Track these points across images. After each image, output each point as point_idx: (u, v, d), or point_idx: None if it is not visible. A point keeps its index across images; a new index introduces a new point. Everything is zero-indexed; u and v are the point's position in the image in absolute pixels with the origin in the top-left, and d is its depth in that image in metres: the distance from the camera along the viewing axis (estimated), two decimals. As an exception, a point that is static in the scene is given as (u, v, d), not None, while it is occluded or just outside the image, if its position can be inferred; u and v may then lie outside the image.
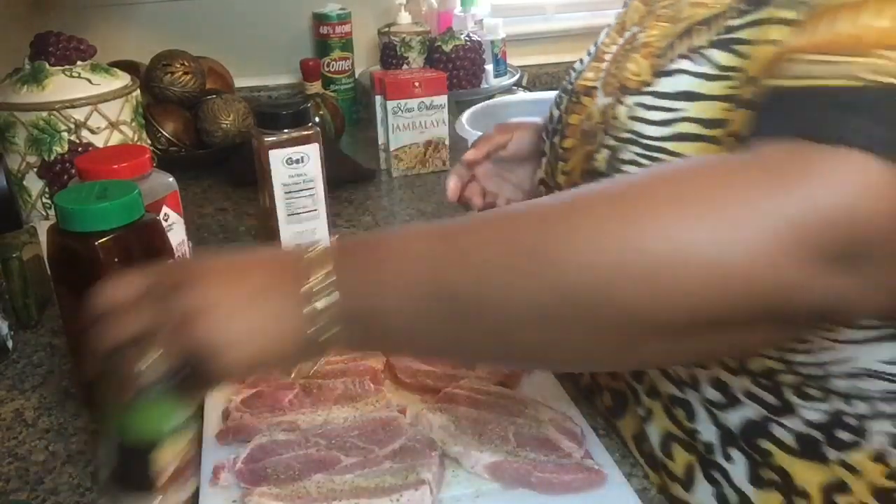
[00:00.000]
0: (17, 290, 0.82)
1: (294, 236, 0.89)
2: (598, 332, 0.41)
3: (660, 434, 0.61)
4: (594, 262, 0.39)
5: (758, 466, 0.57)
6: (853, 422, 0.54)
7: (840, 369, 0.53)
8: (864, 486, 0.55)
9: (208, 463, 0.60)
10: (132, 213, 0.62)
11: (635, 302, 0.39)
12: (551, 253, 0.40)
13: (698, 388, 0.58)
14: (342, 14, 1.50)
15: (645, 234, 0.39)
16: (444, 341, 0.45)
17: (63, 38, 0.96)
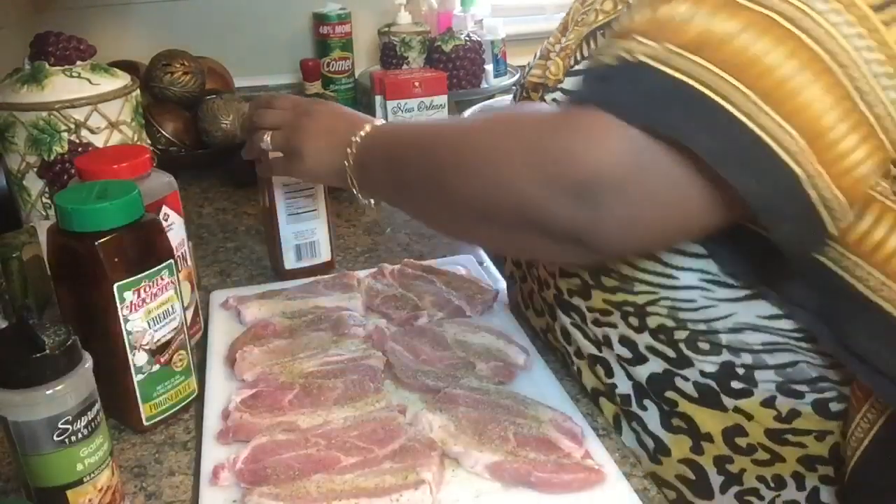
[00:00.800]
0: (17, 290, 0.81)
1: (294, 236, 0.89)
2: (450, 209, 0.58)
3: (590, 388, 0.70)
4: (444, 158, 0.57)
5: (668, 414, 0.64)
6: (742, 371, 0.61)
7: (724, 325, 0.60)
8: (759, 429, 0.62)
9: (208, 463, 0.60)
10: (132, 213, 0.62)
11: (457, 190, 0.55)
12: (432, 145, 0.60)
13: (611, 347, 0.65)
14: (342, 14, 1.50)
15: (470, 148, 0.55)
16: (392, 192, 0.65)
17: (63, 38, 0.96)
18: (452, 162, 0.56)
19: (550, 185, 0.48)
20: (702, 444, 0.64)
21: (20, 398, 0.50)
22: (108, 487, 0.55)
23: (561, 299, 0.68)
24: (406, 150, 0.63)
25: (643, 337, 0.63)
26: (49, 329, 0.51)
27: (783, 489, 0.64)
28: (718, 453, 0.64)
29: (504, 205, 0.52)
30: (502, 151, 0.52)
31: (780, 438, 0.63)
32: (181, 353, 0.67)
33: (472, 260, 0.93)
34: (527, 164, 0.50)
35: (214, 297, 0.86)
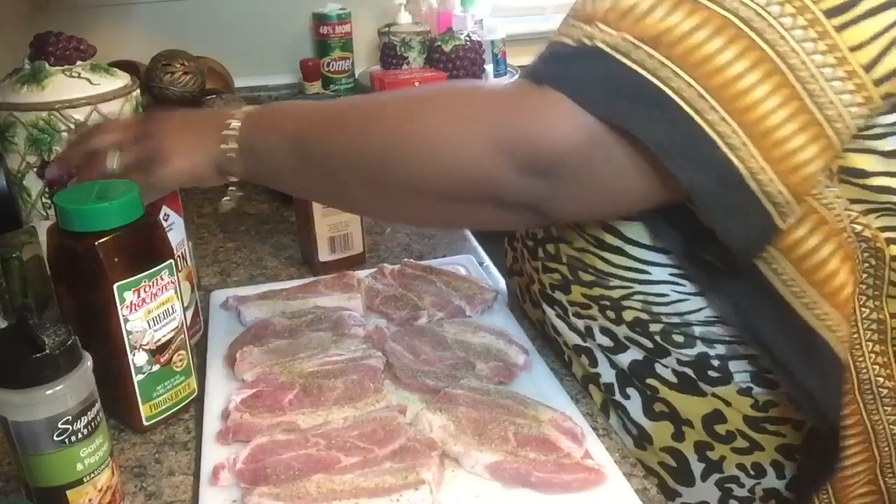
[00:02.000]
0: (17, 289, 0.81)
1: (328, 229, 0.91)
2: (391, 190, 0.57)
3: (580, 377, 0.72)
4: (387, 140, 0.55)
5: (650, 401, 0.66)
6: (717, 362, 0.63)
7: (696, 318, 0.62)
8: (737, 416, 0.64)
9: (208, 463, 0.60)
10: (132, 213, 0.62)
11: (406, 172, 0.54)
12: (365, 128, 0.56)
13: (594, 337, 0.67)
14: (342, 14, 1.50)
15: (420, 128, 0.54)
16: (300, 179, 0.62)
17: (63, 38, 0.96)
18: (396, 142, 0.55)
19: (510, 164, 0.50)
20: (683, 429, 0.65)
21: (20, 398, 0.50)
22: (108, 487, 0.55)
23: (545, 293, 0.71)
24: (324, 132, 0.59)
25: (621, 329, 0.65)
26: (49, 329, 0.51)
27: (763, 477, 0.65)
28: (699, 439, 0.65)
29: (461, 182, 0.53)
30: (459, 130, 0.52)
31: (759, 426, 0.64)
32: (181, 353, 0.67)
33: (472, 260, 0.93)
34: (488, 143, 0.51)
35: (214, 297, 0.86)
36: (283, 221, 1.10)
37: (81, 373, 0.52)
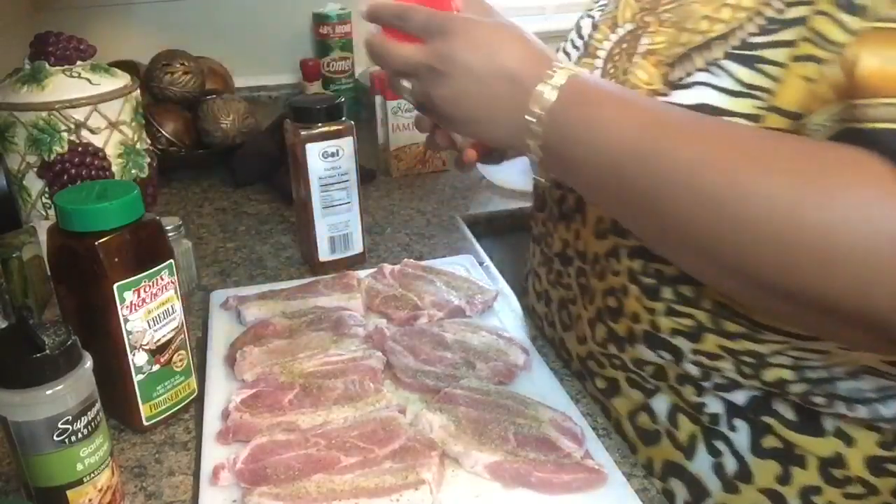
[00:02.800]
0: (17, 289, 0.81)
1: (328, 228, 0.90)
2: (731, 271, 0.47)
3: (668, 405, 0.63)
4: (762, 231, 0.44)
5: (761, 435, 0.59)
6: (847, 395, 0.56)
7: (844, 369, 0.55)
8: (858, 457, 0.57)
9: (208, 463, 0.60)
10: (132, 213, 0.62)
11: (777, 269, 0.44)
12: (729, 201, 0.45)
13: (709, 379, 0.60)
14: (342, 14, 1.50)
15: (820, 234, 0.43)
16: (606, 199, 0.53)
17: (63, 38, 0.96)
18: (776, 237, 0.44)
19: None
20: (791, 470, 0.59)
21: (20, 398, 0.50)
22: (108, 487, 0.55)
23: (653, 335, 0.60)
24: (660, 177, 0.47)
25: (750, 381, 0.58)
26: (49, 329, 0.51)
27: None
28: (808, 483, 0.58)
29: (841, 303, 0.44)
30: (872, 247, 0.42)
31: (880, 468, 0.58)
32: (181, 353, 0.67)
33: (472, 260, 0.93)
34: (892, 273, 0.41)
35: (214, 297, 0.86)
36: (283, 221, 1.10)
37: (81, 373, 0.52)
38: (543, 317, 0.77)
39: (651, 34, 0.60)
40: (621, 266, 0.60)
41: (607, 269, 0.62)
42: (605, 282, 0.63)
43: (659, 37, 0.59)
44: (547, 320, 0.76)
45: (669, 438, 0.63)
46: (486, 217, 1.15)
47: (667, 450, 0.64)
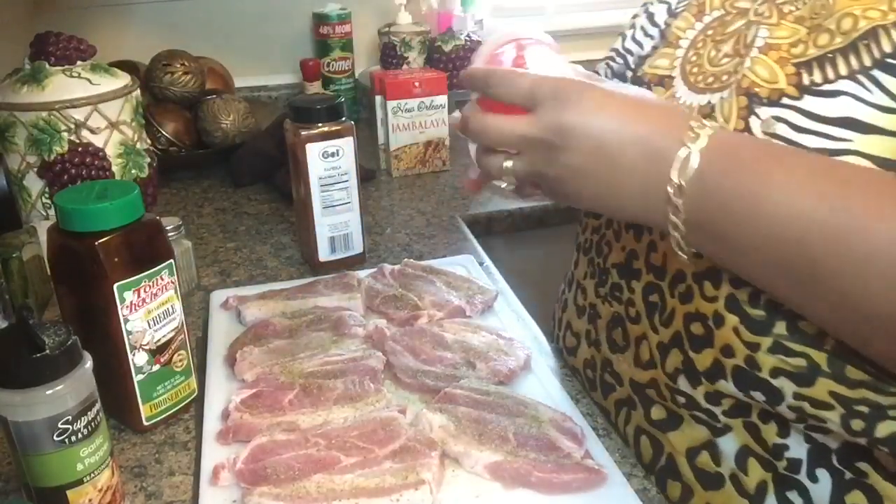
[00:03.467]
0: (17, 289, 0.81)
1: (328, 228, 0.90)
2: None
3: (737, 446, 0.56)
4: None
5: (847, 487, 0.52)
6: None
7: None
8: None
9: (208, 463, 0.60)
10: (132, 213, 0.62)
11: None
12: None
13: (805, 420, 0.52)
14: (342, 14, 1.50)
15: None
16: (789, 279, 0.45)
17: (63, 38, 0.96)
18: None
19: None
20: None
21: (20, 398, 0.50)
22: (108, 487, 0.55)
23: (747, 373, 0.52)
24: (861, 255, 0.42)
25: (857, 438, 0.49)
26: (49, 329, 0.51)
27: None
28: None
29: None
30: None
31: None
32: (181, 353, 0.67)
33: (472, 260, 0.93)
34: None
35: (214, 297, 0.86)
36: (283, 221, 1.10)
37: (81, 373, 0.52)
38: (584, 334, 0.69)
39: (771, 26, 0.54)
40: (719, 292, 0.53)
41: (696, 292, 0.55)
42: (690, 305, 0.55)
43: (781, 31, 0.53)
44: (589, 338, 0.69)
45: (734, 484, 0.56)
46: (486, 217, 1.15)
47: (730, 496, 0.56)
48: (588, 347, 0.69)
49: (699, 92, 0.56)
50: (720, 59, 0.57)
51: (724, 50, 0.57)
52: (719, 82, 0.55)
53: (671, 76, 0.59)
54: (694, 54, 0.59)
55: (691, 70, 0.58)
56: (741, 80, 0.53)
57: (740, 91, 0.52)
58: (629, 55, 0.65)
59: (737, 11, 0.58)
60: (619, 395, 0.65)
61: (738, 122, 0.52)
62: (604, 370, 0.67)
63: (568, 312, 0.74)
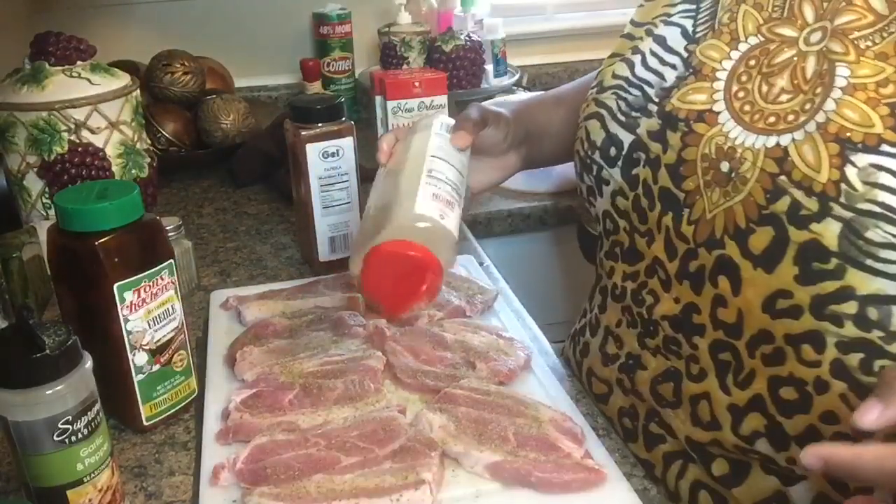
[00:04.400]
0: (17, 289, 0.81)
1: (328, 228, 0.90)
2: None
3: (811, 494, 0.54)
4: None
5: None
6: None
7: None
8: None
9: (208, 463, 0.60)
10: (132, 213, 0.62)
11: None
12: None
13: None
14: (342, 14, 1.50)
15: None
16: None
17: (63, 38, 0.96)
18: None
19: None
20: None
21: (20, 398, 0.50)
22: (108, 487, 0.55)
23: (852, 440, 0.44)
24: None
25: None
26: (49, 329, 0.51)
27: None
28: None
29: None
30: None
31: None
32: (181, 353, 0.67)
33: (472, 260, 0.93)
34: None
35: (214, 297, 0.86)
36: (283, 221, 1.10)
37: (81, 373, 0.52)
38: (615, 382, 0.67)
39: (851, 64, 0.51)
40: (824, 357, 0.50)
41: (790, 355, 0.52)
42: (780, 368, 0.53)
43: (863, 69, 0.51)
44: (623, 387, 0.66)
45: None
46: (486, 217, 1.15)
47: None
48: (625, 395, 0.66)
49: (759, 132, 0.53)
50: (776, 95, 0.54)
51: (779, 84, 0.54)
52: (784, 122, 0.53)
53: (713, 111, 0.56)
54: (740, 89, 0.56)
55: (742, 108, 0.55)
56: (827, 125, 0.50)
57: (828, 137, 0.50)
58: (647, 86, 0.62)
59: (781, 40, 0.56)
60: (670, 448, 0.62)
61: (831, 171, 0.49)
62: (649, 420, 0.63)
63: (590, 359, 0.70)
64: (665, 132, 0.59)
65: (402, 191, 0.61)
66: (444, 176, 0.63)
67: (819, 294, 0.49)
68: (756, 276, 0.52)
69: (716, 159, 0.55)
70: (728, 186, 0.54)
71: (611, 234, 0.67)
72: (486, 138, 0.72)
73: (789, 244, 0.50)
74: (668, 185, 0.58)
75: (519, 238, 1.18)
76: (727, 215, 0.54)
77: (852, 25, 0.53)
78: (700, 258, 0.56)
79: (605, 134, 0.64)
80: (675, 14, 0.64)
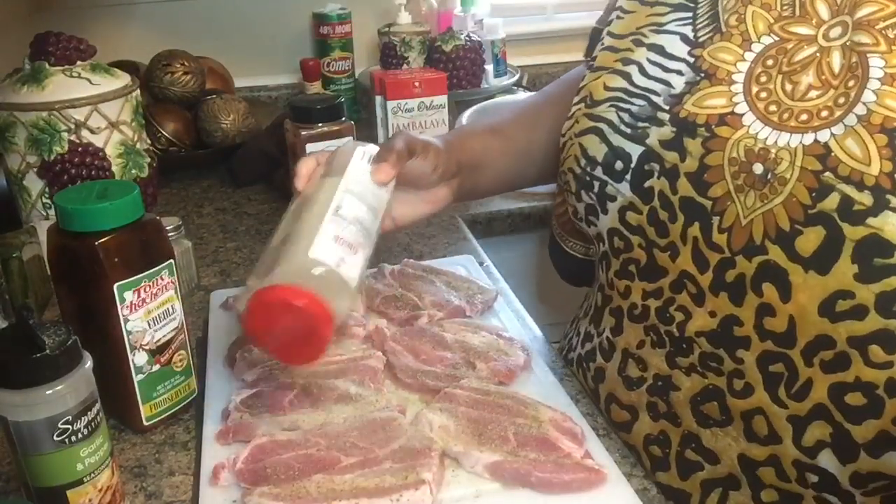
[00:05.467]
0: (17, 290, 0.81)
1: None
2: None
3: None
4: None
5: None
6: None
7: None
8: None
9: (208, 463, 0.60)
10: (132, 213, 0.62)
11: None
12: None
13: None
14: (342, 14, 1.50)
15: None
16: None
17: (63, 38, 0.96)
18: None
19: None
20: None
21: (20, 398, 0.50)
22: (108, 487, 0.55)
23: None
24: None
25: None
26: (49, 329, 0.51)
27: None
28: None
29: None
30: None
31: None
32: (181, 353, 0.67)
33: (472, 260, 0.93)
34: None
35: (214, 297, 0.86)
36: (283, 221, 1.10)
37: (81, 373, 0.52)
38: (643, 407, 0.63)
39: (884, 54, 0.51)
40: (894, 357, 0.48)
41: (857, 359, 0.50)
42: (844, 374, 0.50)
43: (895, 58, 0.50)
44: (653, 411, 0.63)
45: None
46: (486, 217, 1.15)
47: None
48: (653, 422, 0.63)
49: (792, 131, 0.52)
50: (804, 92, 0.53)
51: (804, 82, 0.53)
52: (818, 119, 0.52)
53: (735, 113, 0.55)
54: (761, 89, 0.55)
55: (767, 108, 0.54)
56: (870, 117, 0.49)
57: (873, 128, 0.49)
58: (653, 94, 0.60)
59: (798, 38, 0.55)
60: (709, 475, 0.59)
61: (882, 163, 0.48)
62: (684, 447, 0.61)
63: (609, 384, 0.67)
64: (682, 139, 0.57)
65: (303, 228, 0.57)
66: (352, 215, 0.59)
67: (885, 291, 0.47)
68: (808, 279, 0.50)
69: (746, 162, 0.54)
70: (765, 189, 0.52)
71: (621, 253, 0.64)
72: (413, 169, 0.67)
73: (844, 242, 0.48)
74: (690, 193, 0.56)
75: (519, 238, 1.18)
76: (766, 219, 0.52)
77: (876, 16, 0.52)
78: (738, 267, 0.54)
79: (608, 148, 0.62)
80: (667, 23, 0.63)
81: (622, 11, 0.68)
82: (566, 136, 0.68)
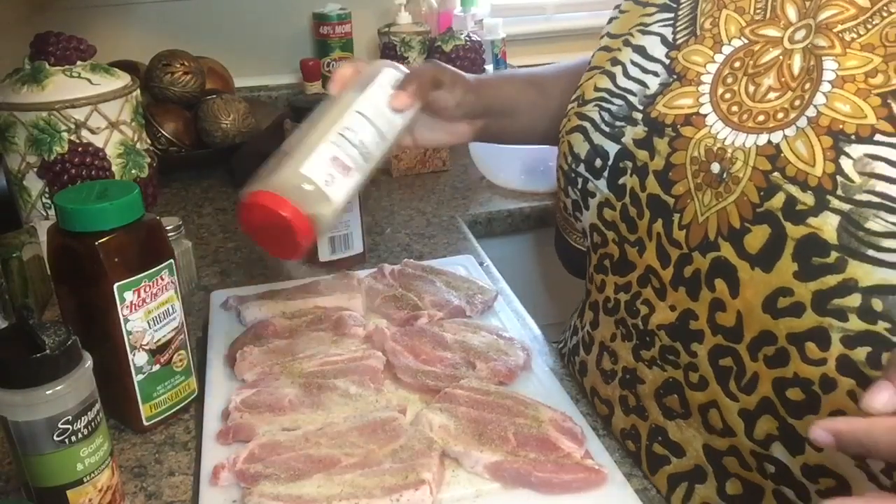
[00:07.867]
0: (17, 290, 0.81)
1: None
2: None
3: None
4: None
5: None
6: None
7: None
8: None
9: (208, 463, 0.60)
10: (132, 213, 0.62)
11: None
12: None
13: None
14: (342, 14, 1.50)
15: None
16: None
17: (63, 38, 0.96)
18: None
19: None
20: None
21: (20, 398, 0.50)
22: (108, 487, 0.55)
23: None
24: None
25: None
26: (49, 329, 0.51)
27: None
28: None
29: None
30: None
31: None
32: (181, 353, 0.67)
33: (472, 260, 0.93)
34: None
35: (214, 297, 0.86)
36: (283, 221, 1.10)
37: (81, 373, 0.52)
38: (616, 401, 0.64)
39: (837, 56, 0.51)
40: (829, 353, 0.49)
41: (795, 356, 0.50)
42: (784, 369, 0.51)
43: (850, 60, 0.50)
44: (625, 405, 0.64)
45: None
46: (486, 217, 1.15)
47: None
48: (625, 416, 0.64)
49: (749, 131, 0.53)
50: (764, 94, 0.54)
51: (765, 84, 0.54)
52: (774, 120, 0.52)
53: (699, 114, 0.56)
54: (726, 91, 0.56)
55: (729, 109, 0.55)
56: (818, 119, 0.50)
57: (820, 130, 0.49)
58: (630, 95, 0.61)
59: (765, 40, 0.55)
60: (675, 469, 0.59)
61: (826, 164, 0.48)
62: (652, 440, 0.61)
63: (590, 378, 0.68)
64: (651, 139, 0.58)
65: (305, 142, 0.60)
66: (356, 138, 0.60)
67: (821, 289, 0.48)
68: (754, 275, 0.51)
69: (705, 161, 0.54)
70: (720, 188, 0.53)
71: (598, 248, 0.65)
72: (437, 100, 0.70)
73: (787, 241, 0.49)
74: (656, 191, 0.57)
75: (519, 238, 1.18)
76: (720, 216, 0.53)
77: (836, 19, 0.52)
78: (695, 262, 0.55)
79: (590, 146, 0.63)
80: (651, 24, 0.63)
81: (620, 11, 0.68)
82: (561, 133, 0.68)
